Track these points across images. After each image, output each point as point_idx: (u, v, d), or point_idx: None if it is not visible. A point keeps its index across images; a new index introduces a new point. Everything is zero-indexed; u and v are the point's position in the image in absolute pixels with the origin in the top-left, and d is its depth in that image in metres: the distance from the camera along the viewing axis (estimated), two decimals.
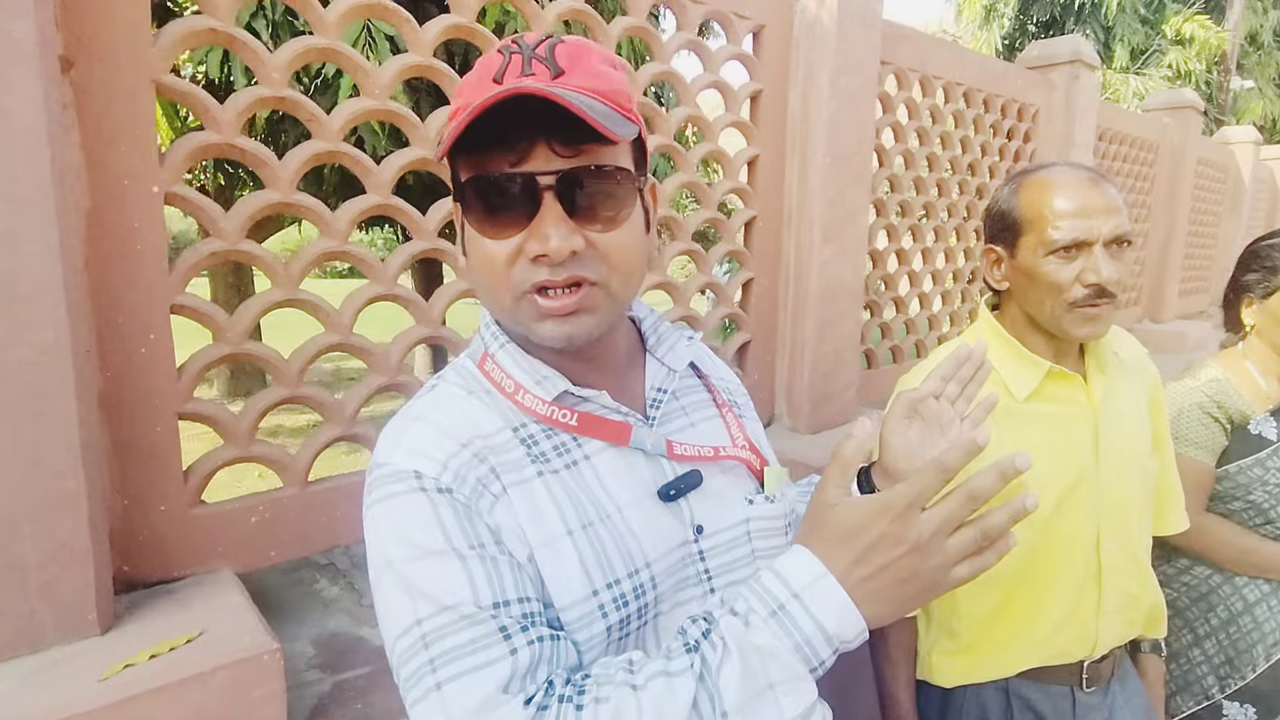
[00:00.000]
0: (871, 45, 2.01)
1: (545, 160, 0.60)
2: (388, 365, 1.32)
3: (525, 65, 0.62)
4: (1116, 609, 1.22)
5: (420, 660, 0.57)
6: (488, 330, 0.75)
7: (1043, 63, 3.09)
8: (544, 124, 0.60)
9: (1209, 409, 1.54)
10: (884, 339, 2.53)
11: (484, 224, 0.63)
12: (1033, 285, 1.13)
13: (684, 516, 0.73)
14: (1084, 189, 1.11)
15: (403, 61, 1.28)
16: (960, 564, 0.57)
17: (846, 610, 0.57)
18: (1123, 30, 9.17)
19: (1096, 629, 1.20)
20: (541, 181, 0.60)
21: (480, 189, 0.62)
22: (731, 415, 0.84)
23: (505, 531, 0.63)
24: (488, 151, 0.61)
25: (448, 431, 0.66)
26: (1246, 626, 1.50)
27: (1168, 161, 4.58)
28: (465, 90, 0.65)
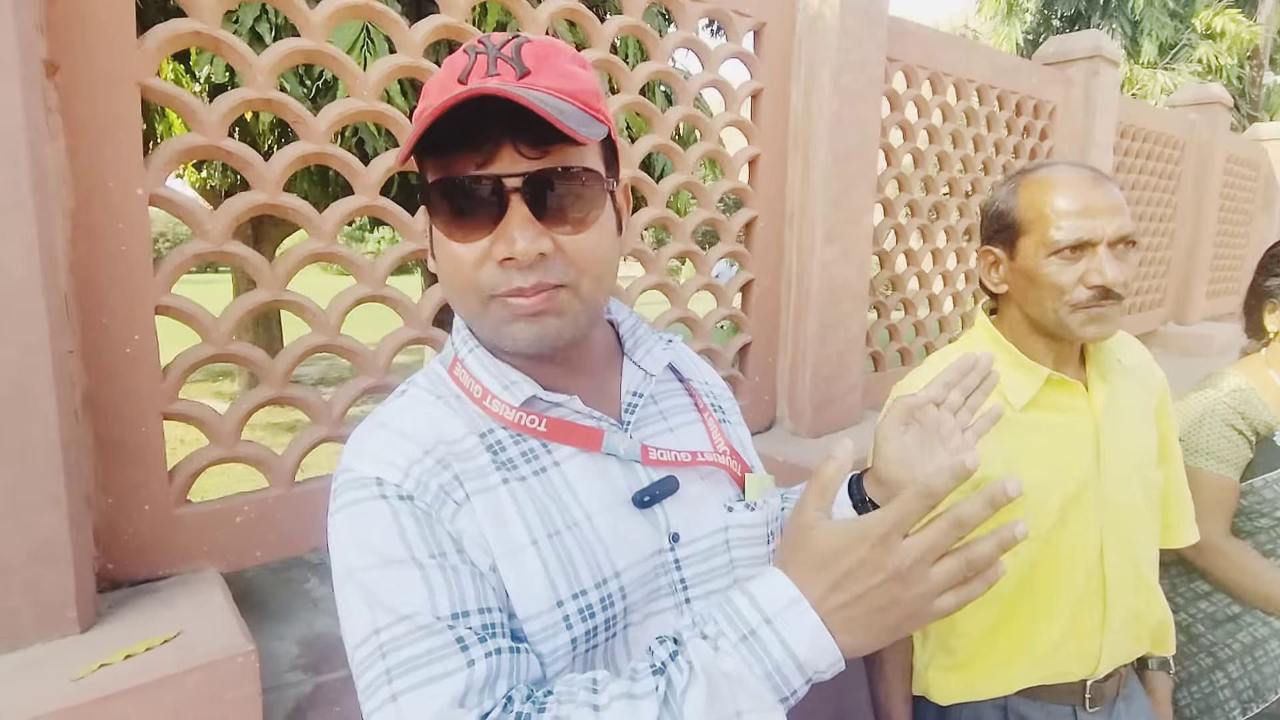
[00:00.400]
0: (876, 42, 1.97)
1: (511, 162, 0.59)
2: (376, 366, 1.32)
3: (490, 65, 0.62)
4: (1122, 625, 1.18)
5: (377, 670, 0.57)
6: (458, 335, 0.74)
7: (1060, 58, 3.02)
8: (510, 125, 0.59)
9: (1232, 420, 1.48)
10: (891, 341, 2.49)
11: (451, 227, 0.62)
12: (1034, 287, 1.10)
13: (659, 524, 0.71)
14: (1086, 188, 1.07)
15: (391, 63, 1.28)
16: (945, 594, 0.54)
17: (820, 638, 0.54)
18: (1150, 24, 8.95)
19: (1100, 646, 1.17)
20: (508, 184, 0.59)
21: (446, 191, 0.61)
22: (712, 420, 0.83)
23: (467, 540, 0.62)
24: (453, 153, 0.60)
25: (411, 438, 0.65)
26: (1274, 651, 1.44)
27: (1195, 159, 4.46)
28: (431, 91, 0.65)
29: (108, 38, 1.00)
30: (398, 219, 1.34)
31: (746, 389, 1.99)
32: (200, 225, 1.14)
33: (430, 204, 0.63)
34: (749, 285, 1.96)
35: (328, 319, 1.26)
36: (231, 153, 1.13)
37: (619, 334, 0.81)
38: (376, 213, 1.29)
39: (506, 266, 0.60)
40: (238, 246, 1.17)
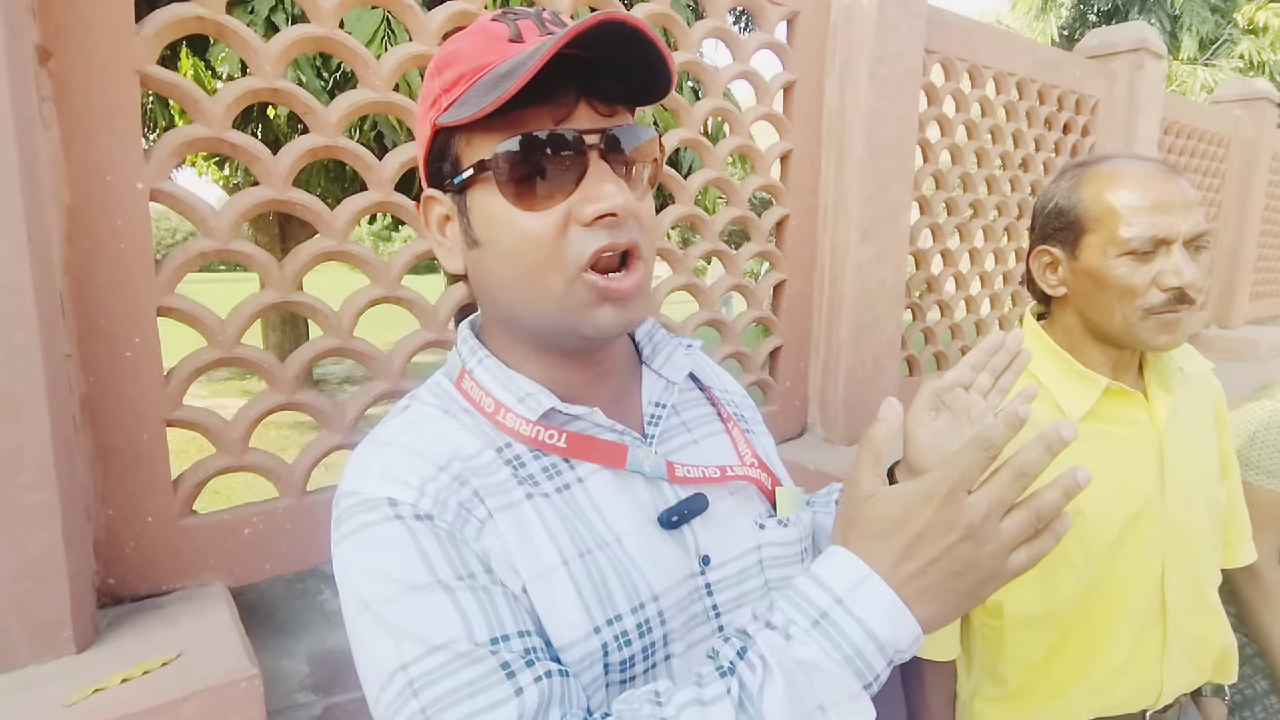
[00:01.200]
0: (914, 33, 1.88)
1: (589, 119, 0.56)
2: (390, 371, 1.26)
3: (541, 27, 0.58)
4: (1183, 652, 1.10)
5: (410, 711, 0.50)
6: (465, 345, 0.67)
7: (1103, 51, 2.89)
8: (583, 80, 0.56)
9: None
10: (927, 345, 2.39)
11: (525, 194, 0.56)
12: (1100, 290, 1.01)
13: (688, 546, 0.65)
14: (1159, 182, 0.98)
15: (406, 51, 1.21)
16: (1018, 550, 0.50)
17: (898, 613, 0.50)
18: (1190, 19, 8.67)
19: (1161, 675, 1.08)
20: (589, 140, 0.56)
21: (521, 152, 0.55)
22: (738, 430, 0.76)
23: (495, 559, 0.55)
24: (522, 111, 0.54)
25: (422, 454, 0.58)
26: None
27: (1240, 156, 4.29)
28: (463, 57, 0.58)
29: (104, 22, 0.95)
30: (414, 217, 1.27)
31: (777, 394, 1.90)
32: (205, 222, 1.08)
33: (493, 172, 0.56)
34: (780, 286, 1.87)
35: (340, 321, 1.20)
36: (237, 145, 1.07)
37: (635, 340, 0.74)
38: (391, 209, 1.23)
39: (598, 226, 0.56)
40: (245, 245, 1.11)
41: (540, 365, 0.64)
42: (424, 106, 0.61)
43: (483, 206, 0.58)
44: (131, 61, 0.97)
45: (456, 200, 0.61)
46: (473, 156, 0.58)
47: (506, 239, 0.58)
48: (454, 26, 1.28)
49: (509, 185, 0.56)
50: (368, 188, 1.23)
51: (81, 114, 0.95)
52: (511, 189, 0.56)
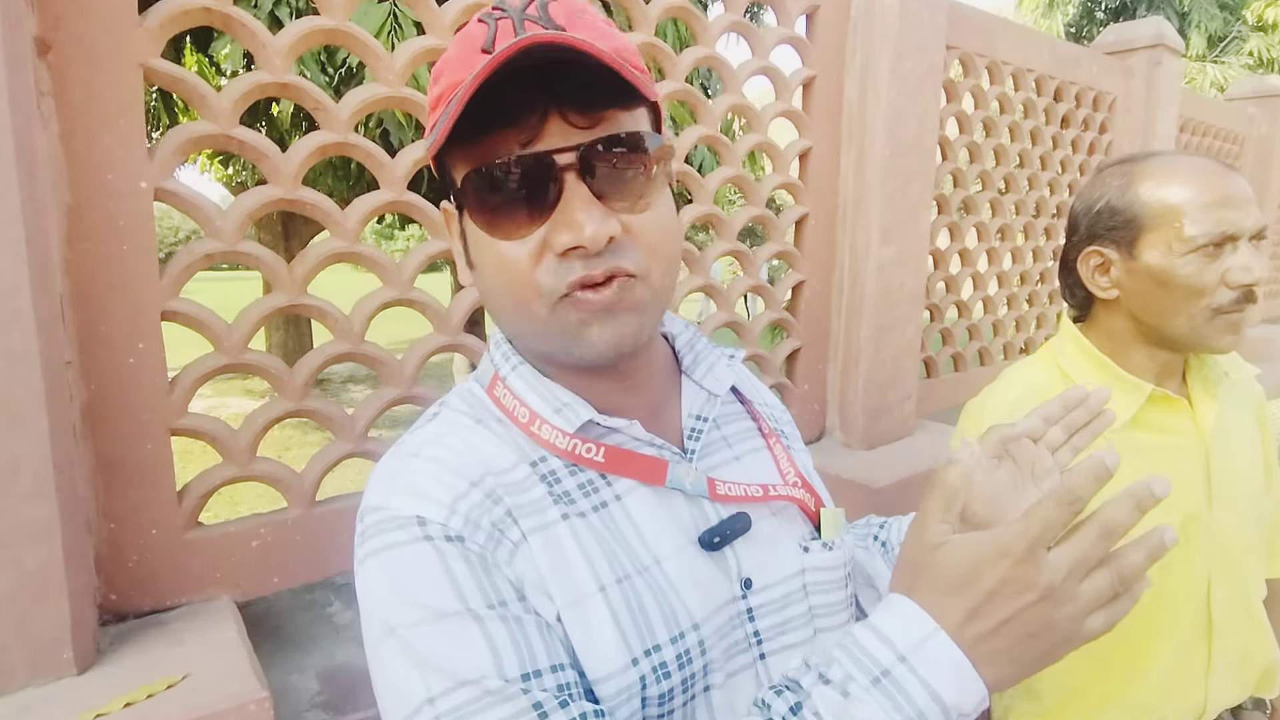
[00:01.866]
0: (936, 27, 1.83)
1: (561, 135, 0.51)
2: (402, 376, 1.22)
3: (517, 28, 0.52)
4: (1229, 668, 1.05)
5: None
6: (498, 350, 0.63)
7: (1121, 47, 2.85)
8: (554, 92, 0.50)
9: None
10: (944, 346, 2.35)
11: (495, 223, 0.52)
12: (1164, 290, 0.95)
13: (730, 569, 0.61)
14: (1219, 178, 0.93)
15: (419, 44, 1.17)
16: (1095, 613, 0.47)
17: (965, 674, 0.46)
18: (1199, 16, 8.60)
19: (1205, 691, 1.04)
20: (560, 160, 0.50)
21: (487, 180, 0.51)
22: (780, 446, 0.71)
23: (529, 586, 0.52)
24: (490, 134, 0.50)
25: (454, 468, 0.54)
26: None
27: (1254, 154, 4.24)
28: (448, 70, 0.54)
29: (106, 14, 0.90)
30: (427, 216, 1.23)
31: (795, 397, 1.86)
32: (211, 223, 1.04)
33: (466, 201, 0.53)
34: (799, 287, 1.82)
35: (350, 325, 1.16)
36: (245, 143, 1.03)
37: (675, 349, 0.70)
38: (403, 209, 1.18)
39: (570, 258, 0.51)
40: (252, 246, 1.06)
41: (572, 375, 0.60)
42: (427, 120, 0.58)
43: (471, 230, 0.55)
44: (134, 54, 0.93)
45: (460, 219, 0.58)
46: (458, 179, 0.54)
47: (488, 265, 0.54)
48: (469, 19, 1.23)
49: (479, 214, 0.53)
50: (377, 186, 1.19)
51: (82, 109, 0.90)
52: (483, 218, 0.53)
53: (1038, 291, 2.67)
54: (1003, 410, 1.04)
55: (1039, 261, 2.65)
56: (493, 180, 0.51)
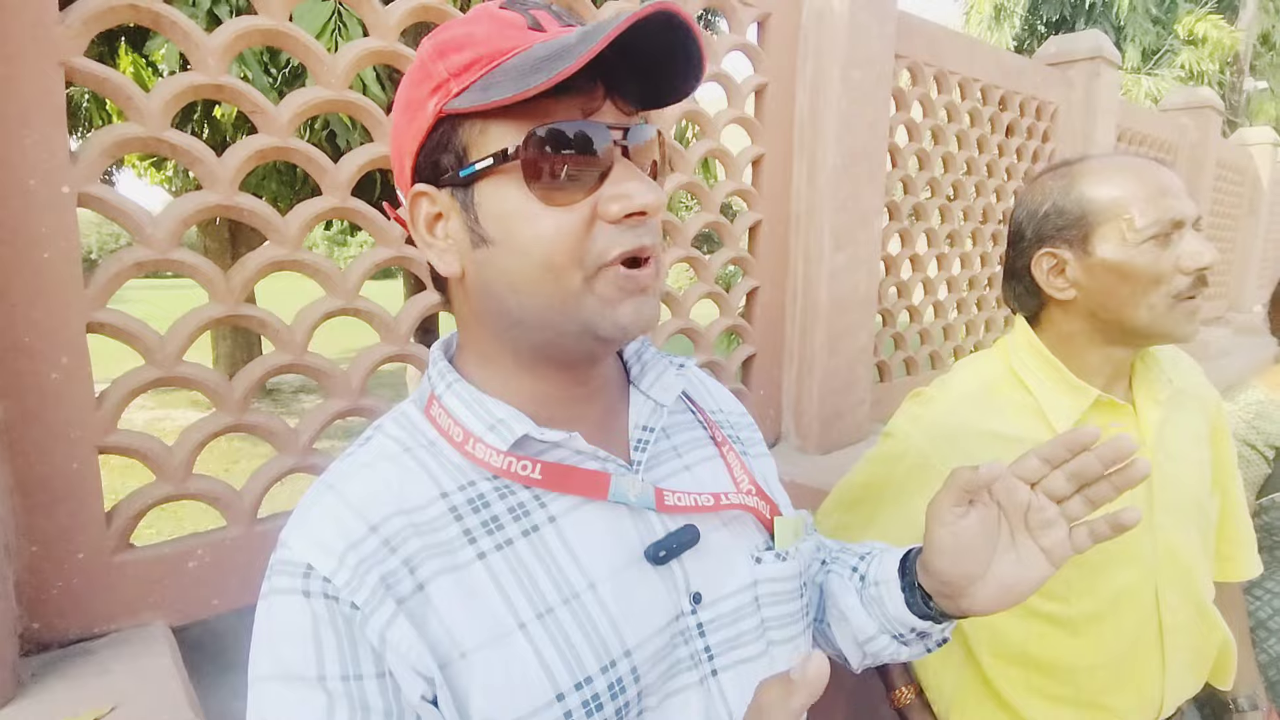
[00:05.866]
0: (885, 37, 1.86)
1: (614, 116, 0.54)
2: (348, 388, 1.18)
3: (555, 19, 0.55)
4: (1184, 667, 1.07)
5: None
6: (434, 368, 0.61)
7: (1061, 59, 2.94)
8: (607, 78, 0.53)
9: (1245, 436, 1.42)
10: (897, 350, 2.38)
11: (549, 187, 0.52)
12: (1125, 282, 0.95)
13: (678, 583, 0.60)
14: (1154, 171, 0.96)
15: (363, 46, 1.14)
16: None
17: None
18: (1134, 30, 8.98)
19: (1162, 691, 1.05)
20: (616, 136, 0.54)
21: (556, 142, 0.51)
22: (733, 454, 0.70)
23: (404, 652, 0.50)
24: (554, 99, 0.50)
25: (358, 509, 0.53)
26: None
27: (1187, 163, 4.43)
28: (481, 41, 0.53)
29: (22, 9, 0.85)
30: (373, 223, 1.19)
31: (750, 403, 1.86)
32: (141, 230, 0.99)
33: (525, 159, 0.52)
34: (754, 293, 1.83)
35: (293, 336, 1.12)
36: (176, 146, 0.98)
37: (623, 359, 0.69)
38: (348, 215, 1.15)
39: (626, 225, 0.53)
40: (187, 254, 1.02)
41: (525, 381, 0.59)
42: (420, 93, 0.54)
43: (496, 201, 0.54)
44: (54, 53, 0.88)
45: (459, 196, 0.55)
46: (487, 147, 0.53)
47: (524, 234, 0.53)
48: (415, 21, 1.20)
49: (536, 177, 0.52)
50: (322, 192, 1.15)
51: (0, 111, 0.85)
52: (538, 181, 0.52)
53: (986, 296, 2.74)
54: (951, 401, 1.05)
55: (987, 266, 2.71)
56: (559, 141, 0.51)
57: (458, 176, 0.54)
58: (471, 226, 0.55)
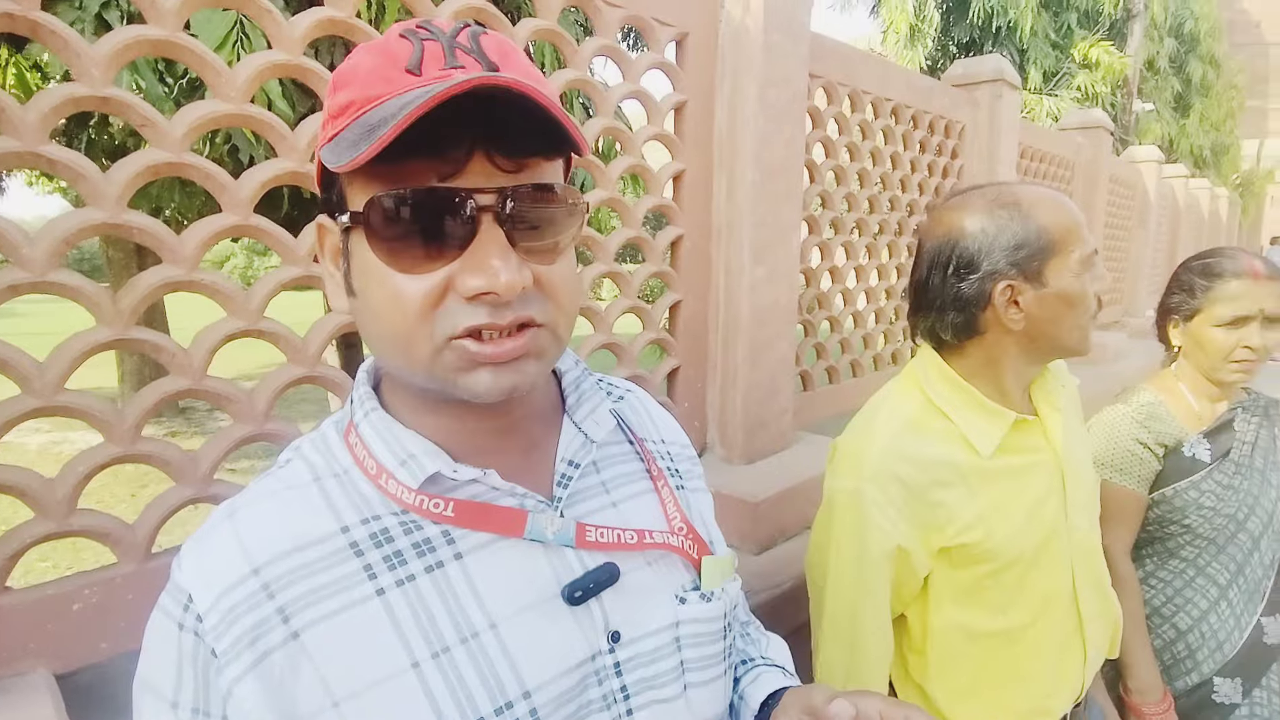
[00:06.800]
0: (799, 57, 1.92)
1: (484, 175, 0.49)
2: (253, 413, 1.13)
3: (449, 55, 0.50)
4: (1098, 651, 1.16)
5: None
6: (358, 391, 0.59)
7: (967, 80, 3.09)
8: (485, 129, 0.48)
9: (1139, 436, 1.51)
10: (819, 359, 2.45)
11: (398, 253, 0.49)
12: (1070, 309, 1.02)
13: (596, 622, 0.58)
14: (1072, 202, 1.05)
15: (264, 60, 1.10)
16: None
17: None
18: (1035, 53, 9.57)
19: (1083, 677, 1.13)
20: (481, 201, 0.49)
21: (397, 209, 0.48)
22: (668, 489, 0.69)
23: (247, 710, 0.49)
24: (409, 160, 0.47)
25: (248, 546, 0.52)
26: (1224, 612, 1.48)
27: (1082, 178, 4.72)
28: (358, 80, 0.50)
29: None
30: (279, 241, 1.15)
31: (675, 416, 1.87)
32: (16, 250, 0.92)
33: (369, 225, 0.49)
34: (677, 307, 1.85)
35: (190, 360, 1.06)
36: (55, 161, 0.92)
37: (561, 386, 0.67)
38: (250, 233, 1.10)
39: (479, 303, 0.49)
40: (68, 275, 0.96)
41: (440, 415, 0.57)
42: (323, 122, 0.53)
43: (360, 255, 0.52)
44: None
45: (344, 239, 0.54)
46: (354, 200, 0.51)
47: (377, 297, 0.51)
48: (321, 35, 1.17)
49: (381, 242, 0.49)
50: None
51: None
52: (384, 246, 0.49)
53: (902, 306, 2.84)
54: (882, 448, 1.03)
55: (902, 277, 2.81)
56: (405, 209, 0.48)
57: (340, 220, 0.53)
58: (345, 274, 0.54)
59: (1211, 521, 1.46)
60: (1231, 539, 1.47)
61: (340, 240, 0.54)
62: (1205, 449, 1.49)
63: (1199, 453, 1.49)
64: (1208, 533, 1.47)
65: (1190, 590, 1.50)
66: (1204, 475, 1.47)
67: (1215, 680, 1.47)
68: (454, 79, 0.45)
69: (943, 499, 1.01)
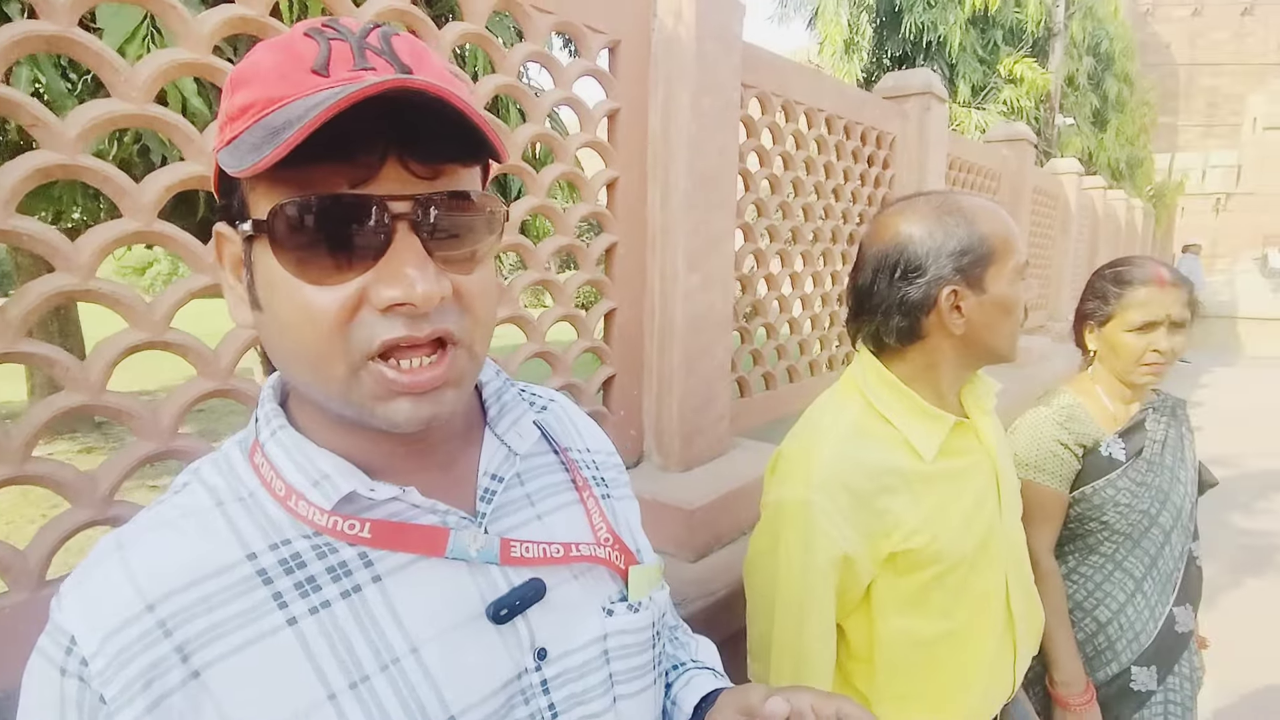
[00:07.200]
0: (731, 66, 1.94)
1: (398, 181, 0.47)
2: (157, 429, 1.07)
3: (358, 56, 0.48)
4: (1026, 649, 1.19)
5: None
6: (263, 409, 0.56)
7: (897, 93, 3.18)
8: (399, 134, 0.47)
9: (1059, 436, 1.56)
10: (756, 366, 2.47)
11: (306, 264, 0.47)
12: (1006, 315, 1.06)
13: (521, 640, 0.57)
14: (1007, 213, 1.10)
15: (169, 58, 1.05)
16: None
17: None
18: (964, 68, 9.96)
19: (1014, 675, 1.17)
20: (396, 209, 0.47)
21: (304, 216, 0.46)
22: (594, 499, 0.68)
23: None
24: (317, 165, 0.45)
25: (141, 582, 0.48)
26: (1140, 604, 1.54)
27: (1008, 189, 4.92)
28: (259, 79, 0.47)
29: None
30: (185, 248, 1.09)
31: (611, 424, 1.87)
32: None
33: (273, 233, 0.46)
34: (612, 314, 1.84)
35: (86, 375, 1.00)
36: None
37: (482, 398, 0.65)
38: (153, 239, 1.05)
39: (394, 314, 0.47)
40: None
41: (355, 433, 0.55)
42: (219, 124, 0.50)
43: (265, 266, 0.49)
44: None
45: (245, 249, 0.51)
46: (257, 207, 0.48)
47: (285, 310, 0.48)
48: (231, 33, 1.12)
49: (288, 252, 0.47)
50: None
51: None
52: (291, 257, 0.47)
53: (837, 312, 2.90)
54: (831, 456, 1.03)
55: (836, 284, 2.87)
56: (314, 217, 0.46)
57: (241, 229, 0.50)
58: (249, 285, 0.51)
59: (1127, 517, 1.53)
60: (1145, 533, 1.54)
61: (242, 250, 0.52)
62: (1120, 448, 1.56)
63: (1115, 452, 1.55)
64: (1124, 528, 1.53)
65: (1109, 584, 1.56)
66: (1120, 473, 1.54)
67: (1133, 669, 1.54)
68: (365, 80, 0.44)
69: (889, 505, 1.02)
